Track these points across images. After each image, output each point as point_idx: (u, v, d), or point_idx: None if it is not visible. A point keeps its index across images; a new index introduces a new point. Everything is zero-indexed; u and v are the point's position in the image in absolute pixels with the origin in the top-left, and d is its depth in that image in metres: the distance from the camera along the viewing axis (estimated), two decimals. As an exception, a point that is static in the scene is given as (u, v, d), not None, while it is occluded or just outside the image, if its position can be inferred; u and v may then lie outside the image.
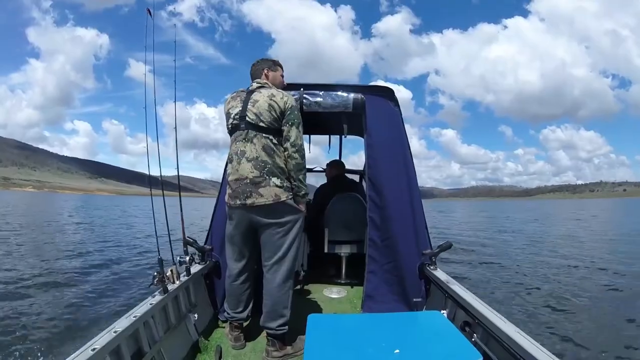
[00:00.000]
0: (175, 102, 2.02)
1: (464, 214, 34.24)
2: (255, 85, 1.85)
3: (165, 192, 1.90)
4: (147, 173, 1.86)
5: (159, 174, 1.87)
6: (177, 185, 2.08)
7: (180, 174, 2.06)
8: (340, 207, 2.94)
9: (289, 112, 1.74)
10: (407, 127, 2.30)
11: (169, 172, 2.11)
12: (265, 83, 1.86)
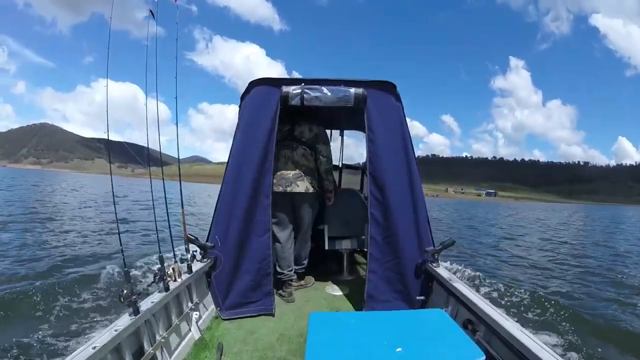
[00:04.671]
0: (176, 97, 2.02)
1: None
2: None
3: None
4: (149, 168, 1.86)
5: (161, 170, 1.88)
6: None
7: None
8: (338, 202, 2.93)
9: (321, 134, 2.60)
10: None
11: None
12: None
